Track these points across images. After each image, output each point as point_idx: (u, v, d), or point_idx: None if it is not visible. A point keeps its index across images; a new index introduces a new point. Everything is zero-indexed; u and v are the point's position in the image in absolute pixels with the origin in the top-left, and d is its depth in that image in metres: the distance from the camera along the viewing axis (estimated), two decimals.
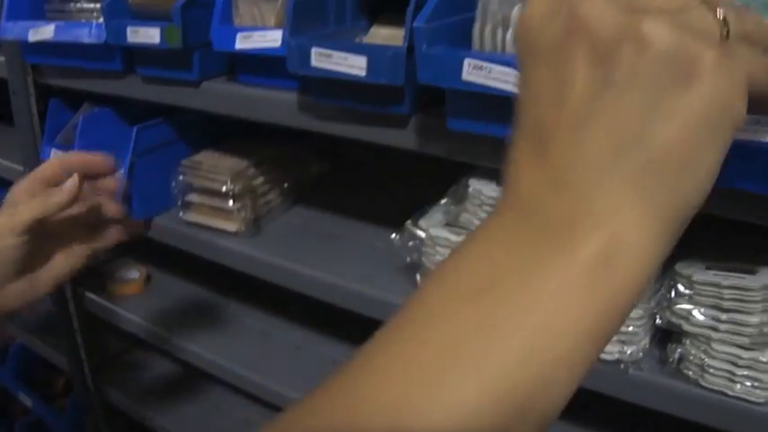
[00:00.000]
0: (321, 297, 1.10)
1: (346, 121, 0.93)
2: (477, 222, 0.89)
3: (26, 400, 2.03)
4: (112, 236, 0.95)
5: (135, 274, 1.63)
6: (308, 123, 0.97)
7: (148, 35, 1.08)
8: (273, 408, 1.32)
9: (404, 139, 0.88)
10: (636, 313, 0.84)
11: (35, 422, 2.13)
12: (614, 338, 0.84)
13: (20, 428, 2.18)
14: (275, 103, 1.00)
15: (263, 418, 1.50)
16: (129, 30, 1.10)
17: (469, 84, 0.73)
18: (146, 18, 1.13)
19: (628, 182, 0.31)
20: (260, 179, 1.23)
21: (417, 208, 1.00)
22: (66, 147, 1.38)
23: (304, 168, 1.35)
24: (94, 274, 1.65)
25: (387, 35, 0.99)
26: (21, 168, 1.54)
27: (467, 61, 0.72)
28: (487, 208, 0.88)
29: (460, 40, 0.80)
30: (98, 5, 1.20)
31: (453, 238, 0.91)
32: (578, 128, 0.32)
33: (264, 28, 1.00)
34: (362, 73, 0.82)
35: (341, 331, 1.40)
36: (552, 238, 0.31)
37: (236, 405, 1.58)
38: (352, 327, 1.28)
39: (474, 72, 0.72)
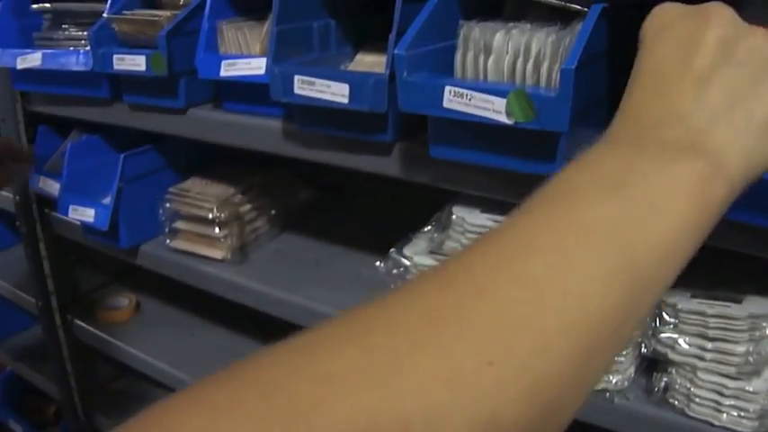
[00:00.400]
0: (306, 324, 1.08)
1: (330, 148, 0.92)
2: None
3: (16, 427, 2.00)
4: None
5: (124, 301, 1.62)
6: (292, 150, 0.96)
7: (134, 63, 1.07)
8: None
9: (387, 166, 0.87)
10: None
11: None
12: None
13: None
14: (260, 131, 0.99)
15: None
16: (115, 57, 1.10)
17: (451, 111, 0.72)
18: (132, 46, 1.13)
19: (735, 131, 0.40)
20: (247, 206, 1.22)
21: (403, 235, 0.99)
22: (55, 174, 1.37)
23: (291, 195, 1.34)
24: (84, 302, 1.63)
25: (371, 62, 0.98)
26: (11, 195, 1.53)
27: (448, 89, 0.72)
28: (471, 235, 0.87)
29: (442, 67, 0.79)
30: (86, 33, 1.20)
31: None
32: (702, 84, 0.41)
33: (249, 56, 0.99)
34: (345, 100, 0.82)
35: None
36: (674, 153, 0.39)
37: None
38: None
39: (455, 99, 0.71)
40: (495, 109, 0.70)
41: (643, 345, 0.83)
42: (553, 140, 0.72)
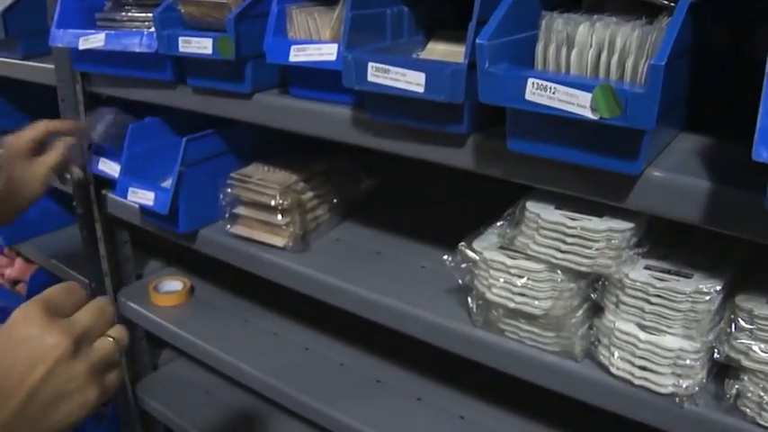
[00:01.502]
0: (367, 316, 1.09)
1: (401, 138, 0.92)
2: (533, 246, 0.88)
3: None
4: None
5: (178, 285, 1.64)
6: (361, 139, 0.96)
7: (201, 45, 1.08)
8: (315, 426, 1.31)
9: (461, 158, 0.87)
10: (693, 346, 0.82)
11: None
12: (669, 371, 0.82)
13: None
14: (328, 118, 0.99)
15: None
16: (180, 40, 1.11)
17: (533, 104, 0.72)
18: (197, 28, 1.14)
19: None
20: (309, 194, 1.23)
21: (465, 229, 0.99)
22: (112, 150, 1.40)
23: (353, 185, 1.35)
24: (137, 285, 1.66)
25: (444, 51, 0.98)
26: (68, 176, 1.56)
27: (531, 81, 0.71)
28: (545, 232, 0.86)
29: (522, 59, 0.79)
30: (149, 15, 1.21)
31: (508, 261, 0.90)
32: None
33: (319, 41, 1.00)
34: (420, 90, 0.82)
35: (384, 349, 1.40)
36: None
37: (277, 421, 1.58)
38: (395, 345, 1.28)
39: (538, 92, 0.71)
40: (579, 103, 0.70)
41: (716, 350, 0.82)
42: (637, 138, 0.72)
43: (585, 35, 0.75)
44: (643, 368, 0.85)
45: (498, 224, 0.93)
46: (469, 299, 0.97)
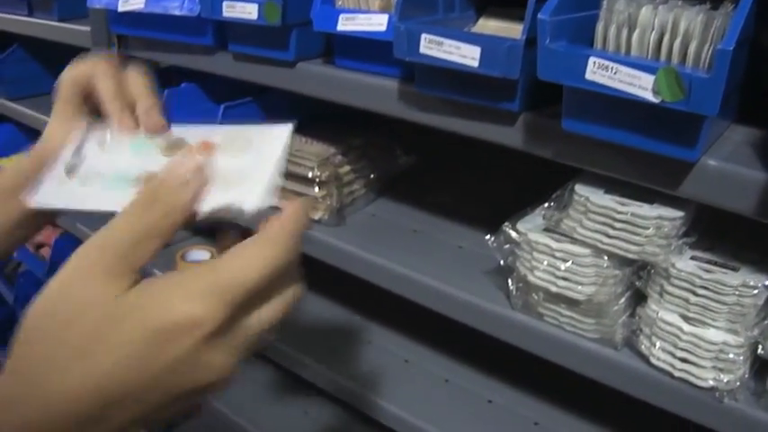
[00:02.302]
0: (402, 293, 1.10)
1: (449, 113, 0.92)
2: (580, 230, 0.88)
3: None
4: None
5: (206, 255, 1.65)
6: (407, 113, 0.97)
7: (245, 11, 1.08)
8: (358, 413, 1.32)
9: (511, 137, 0.88)
10: (736, 341, 0.82)
11: None
12: (711, 365, 0.82)
13: None
14: (375, 90, 1.00)
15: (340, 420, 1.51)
16: (224, 4, 1.11)
17: (593, 84, 0.72)
18: None
19: None
20: (346, 167, 1.24)
21: (503, 210, 0.99)
22: None
23: (391, 160, 1.35)
24: (163, 253, 1.67)
25: (495, 27, 0.98)
26: None
27: (592, 60, 0.71)
28: (593, 216, 0.86)
29: (581, 38, 0.79)
30: None
31: (553, 244, 0.90)
32: None
33: (369, 11, 1.00)
34: (475, 64, 0.82)
35: (414, 328, 1.41)
36: None
37: (297, 391, 1.59)
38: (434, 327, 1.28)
39: (599, 72, 0.71)
40: (641, 85, 0.70)
41: (759, 345, 0.83)
42: (697, 124, 0.72)
43: (648, 17, 0.75)
44: (684, 360, 0.85)
45: (545, 206, 0.93)
46: (510, 281, 0.97)
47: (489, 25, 0.99)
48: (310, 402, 1.56)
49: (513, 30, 0.85)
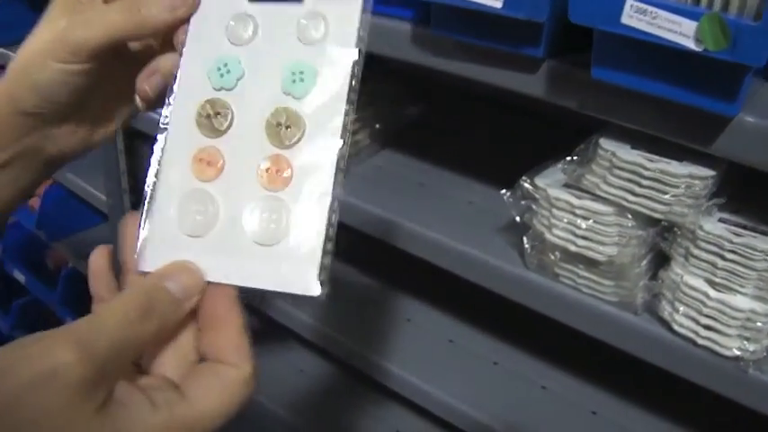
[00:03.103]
0: (406, 248, 1.06)
1: (467, 58, 0.88)
2: (604, 186, 0.84)
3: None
4: None
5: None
6: (421, 57, 0.92)
7: None
8: (357, 372, 1.30)
9: (532, 84, 0.83)
10: (764, 308, 0.79)
11: None
12: (736, 333, 0.79)
13: None
14: (387, 32, 0.94)
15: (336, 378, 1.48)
16: None
17: (629, 28, 0.67)
18: None
19: None
20: (351, 117, 1.19)
21: (516, 164, 0.95)
22: None
23: (395, 109, 1.30)
24: None
25: None
26: None
27: (629, 2, 0.67)
28: (619, 172, 0.82)
29: None
30: None
31: (574, 201, 0.86)
32: None
33: None
34: (498, 4, 0.77)
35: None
36: None
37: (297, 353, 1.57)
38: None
39: (636, 16, 0.67)
40: (682, 32, 0.65)
41: None
42: (739, 76, 0.67)
43: None
44: (708, 327, 0.82)
45: (567, 160, 0.89)
46: (525, 239, 0.93)
47: None
48: (306, 360, 1.54)
49: None
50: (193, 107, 0.53)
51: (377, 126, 1.25)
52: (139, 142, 1.57)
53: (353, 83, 0.52)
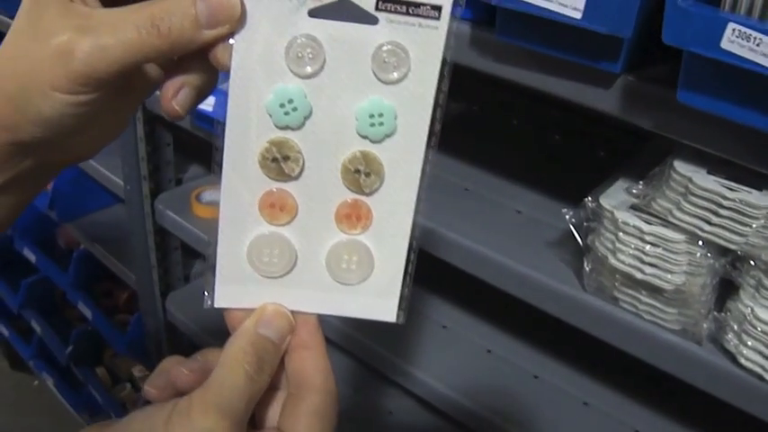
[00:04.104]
0: (450, 260, 1.02)
1: (533, 67, 0.83)
2: (677, 213, 0.80)
3: (85, 310, 2.02)
4: None
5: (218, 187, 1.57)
6: (481, 63, 0.87)
7: None
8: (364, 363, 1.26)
9: (605, 100, 0.78)
10: None
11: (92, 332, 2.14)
12: None
13: (77, 336, 2.19)
14: None
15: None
16: None
17: (729, 54, 0.62)
18: None
19: None
20: None
21: (564, 172, 0.91)
22: None
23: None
24: (178, 192, 1.59)
25: None
26: None
27: (731, 26, 0.62)
28: (695, 200, 0.78)
29: None
30: None
31: (644, 227, 0.82)
32: None
33: None
34: (577, 15, 0.72)
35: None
36: None
37: None
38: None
39: (738, 41, 0.62)
40: None
41: None
42: None
43: None
44: None
45: (639, 184, 0.84)
46: (585, 261, 0.89)
47: None
48: None
49: None
50: (255, 148, 0.48)
51: None
52: (160, 128, 1.53)
53: (436, 126, 0.48)
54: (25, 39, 0.45)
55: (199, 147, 1.56)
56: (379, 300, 0.52)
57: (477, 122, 1.34)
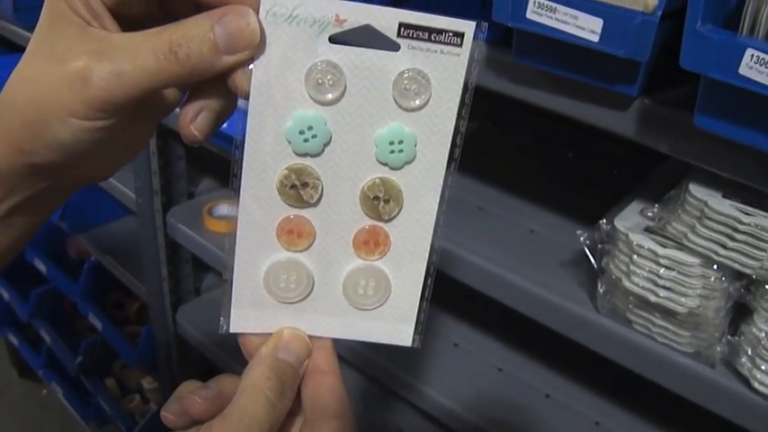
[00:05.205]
0: (463, 279, 1.02)
1: (551, 89, 0.83)
2: (692, 237, 0.79)
3: (95, 322, 2.02)
4: None
5: (234, 211, 1.57)
6: (496, 83, 0.87)
7: None
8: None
9: (620, 123, 0.79)
10: None
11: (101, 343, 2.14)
12: None
13: (86, 347, 2.19)
14: None
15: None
16: None
17: (747, 80, 0.62)
18: None
19: None
20: None
21: (579, 187, 0.90)
22: None
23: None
24: (190, 206, 1.60)
25: None
26: None
27: (750, 52, 0.62)
28: (711, 223, 0.78)
29: (724, 21, 0.69)
30: None
31: (659, 250, 0.81)
32: None
33: None
34: (594, 38, 0.72)
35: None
36: None
37: None
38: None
39: (756, 67, 0.62)
40: None
41: None
42: None
43: None
44: None
45: (655, 207, 0.84)
46: (599, 283, 0.89)
47: None
48: None
49: (635, 1, 0.75)
50: (273, 174, 0.48)
51: None
52: (173, 142, 1.53)
53: (455, 152, 0.49)
54: (42, 61, 0.45)
55: (212, 161, 1.57)
56: (396, 325, 0.52)
57: (491, 140, 1.35)
